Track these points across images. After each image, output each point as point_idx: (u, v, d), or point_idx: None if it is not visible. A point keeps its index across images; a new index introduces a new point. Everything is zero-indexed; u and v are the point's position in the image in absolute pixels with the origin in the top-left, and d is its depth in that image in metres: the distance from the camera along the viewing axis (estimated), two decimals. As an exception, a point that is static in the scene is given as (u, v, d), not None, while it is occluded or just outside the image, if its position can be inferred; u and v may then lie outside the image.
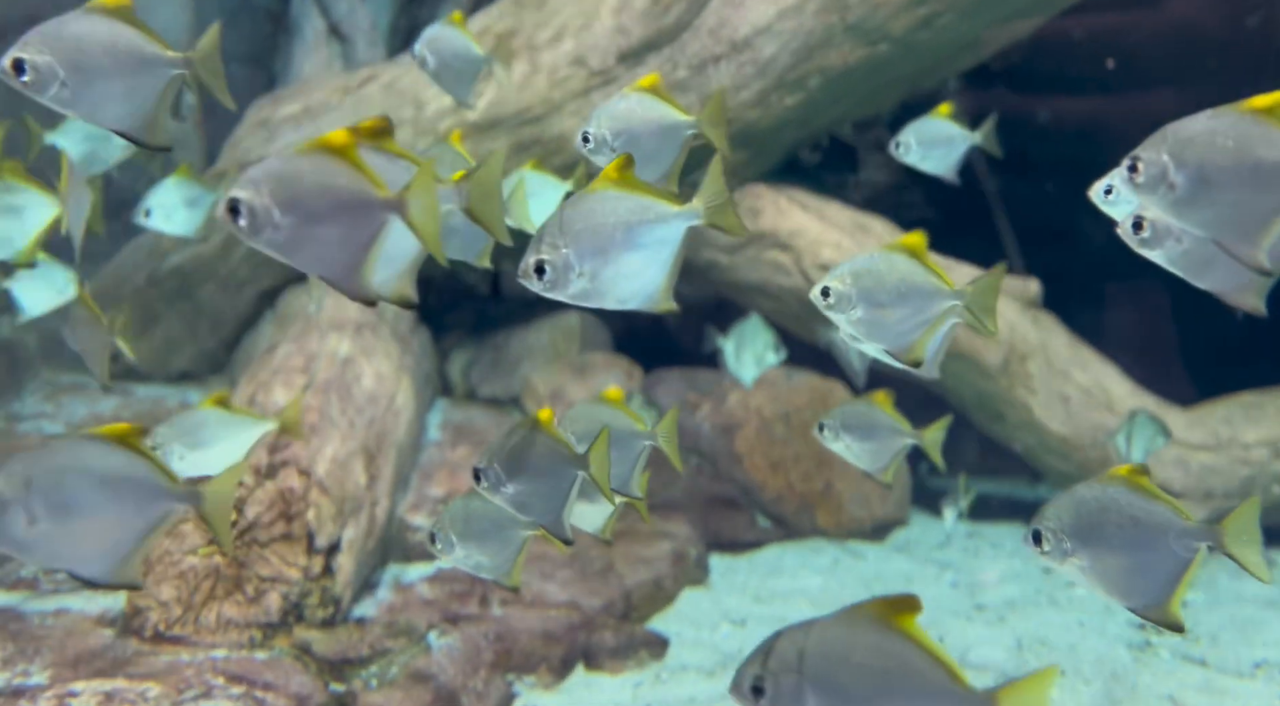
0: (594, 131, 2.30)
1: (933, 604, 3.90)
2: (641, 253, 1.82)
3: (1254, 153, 1.62)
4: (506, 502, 1.95)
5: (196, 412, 2.28)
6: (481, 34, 5.17)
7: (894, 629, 1.31)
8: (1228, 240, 1.67)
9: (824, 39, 4.66)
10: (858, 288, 1.98)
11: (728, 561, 4.37)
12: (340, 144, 1.60)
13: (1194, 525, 1.81)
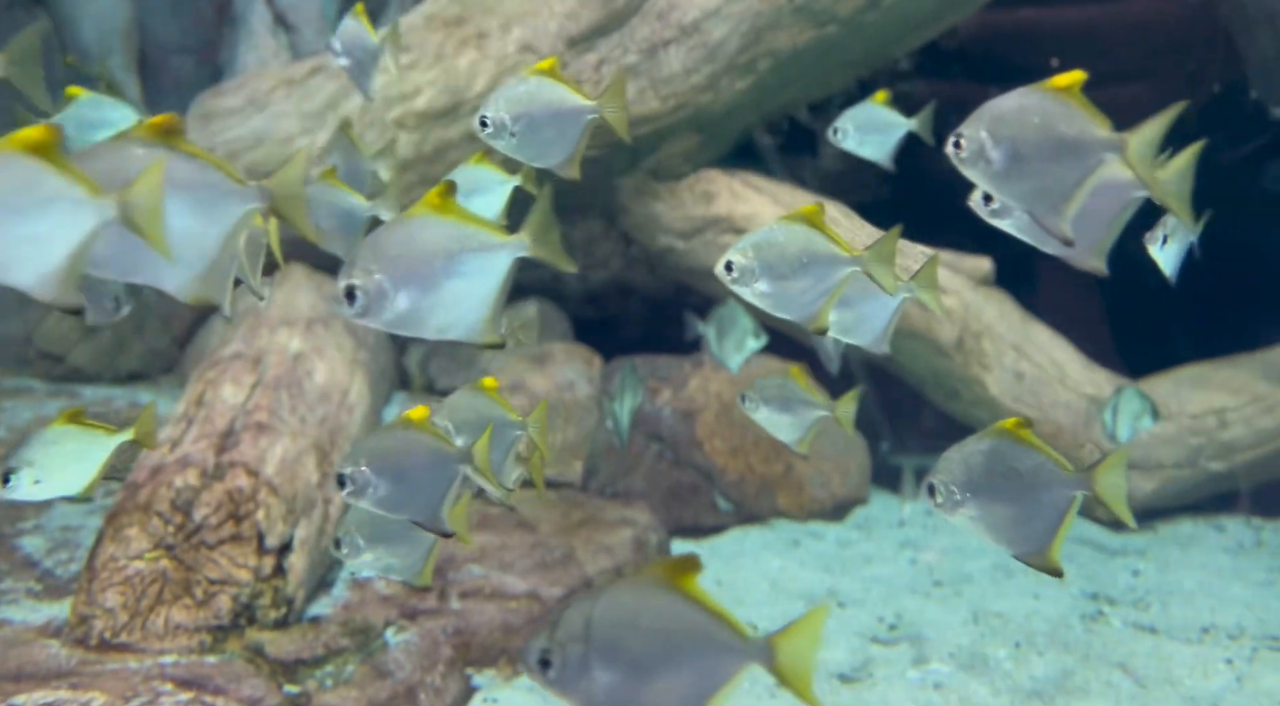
0: (492, 116, 2.27)
1: (892, 581, 3.94)
2: (463, 282, 1.77)
3: (1057, 129, 1.71)
4: (377, 505, 1.91)
5: (47, 431, 2.17)
6: (429, 21, 5.10)
7: (677, 591, 1.33)
8: (1039, 212, 1.76)
9: (772, 21, 4.65)
10: (760, 260, 2.01)
11: (689, 546, 4.38)
12: (37, 142, 1.45)
13: (1070, 474, 1.91)
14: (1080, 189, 1.74)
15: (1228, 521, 4.62)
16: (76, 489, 1.81)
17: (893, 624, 3.52)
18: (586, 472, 4.70)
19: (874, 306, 2.39)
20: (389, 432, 1.96)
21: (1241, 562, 4.08)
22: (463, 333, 1.79)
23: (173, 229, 1.55)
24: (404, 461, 1.90)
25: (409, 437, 1.92)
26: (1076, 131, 1.71)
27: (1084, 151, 1.71)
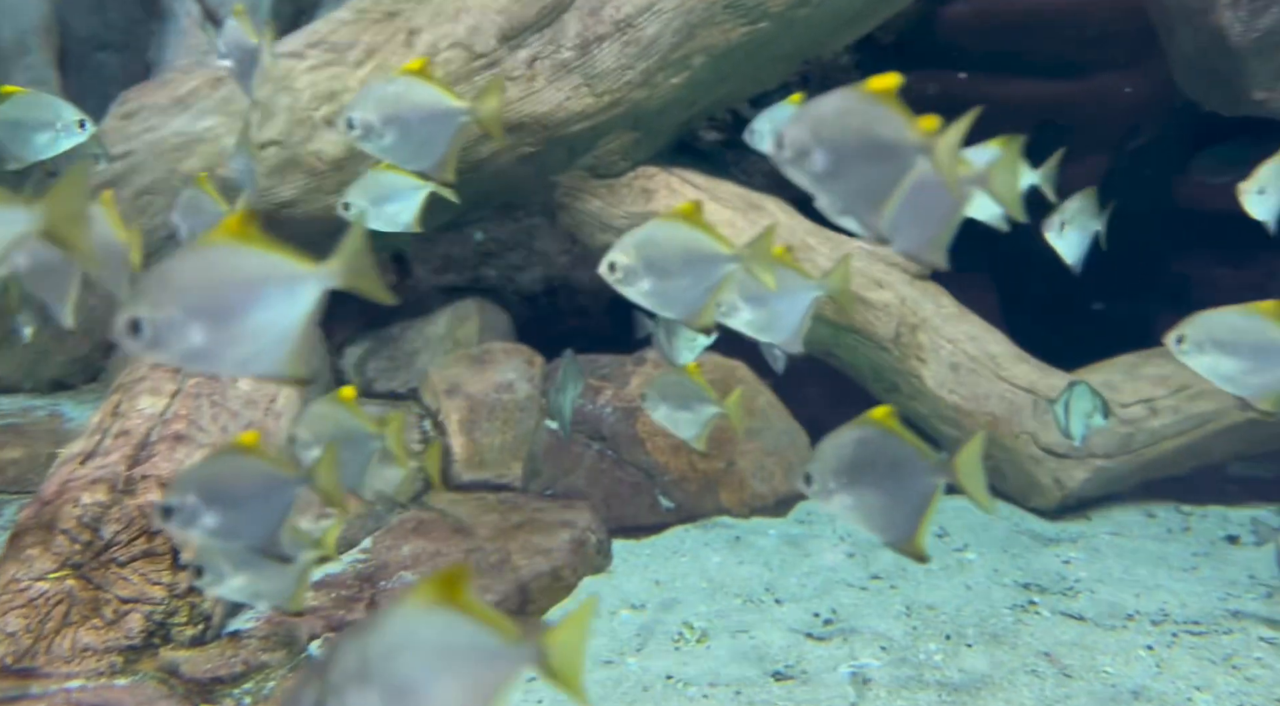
0: (360, 117, 2.22)
1: (830, 575, 3.96)
2: (265, 314, 1.68)
3: (874, 132, 1.76)
4: (206, 535, 1.84)
5: None
6: (358, 17, 5.01)
7: (446, 605, 1.31)
8: (858, 212, 1.81)
9: (705, 17, 4.63)
10: (642, 259, 2.01)
11: (630, 546, 4.37)
12: None
13: (931, 462, 1.96)
14: (896, 190, 1.78)
15: (1158, 508, 4.71)
16: None
17: (828, 619, 3.54)
18: (526, 474, 4.67)
19: (787, 304, 2.40)
20: (218, 459, 1.89)
21: (1169, 548, 4.16)
22: (265, 368, 1.70)
23: None
24: (235, 488, 1.84)
25: (240, 463, 1.86)
26: (892, 134, 1.75)
27: (898, 154, 1.75)
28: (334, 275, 1.68)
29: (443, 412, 4.69)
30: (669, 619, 3.56)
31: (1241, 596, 3.58)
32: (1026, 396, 4.86)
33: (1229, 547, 4.20)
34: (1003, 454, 4.80)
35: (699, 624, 3.50)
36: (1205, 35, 4.02)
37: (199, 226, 2.94)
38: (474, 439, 4.57)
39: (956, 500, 4.92)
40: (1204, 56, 4.17)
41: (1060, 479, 4.67)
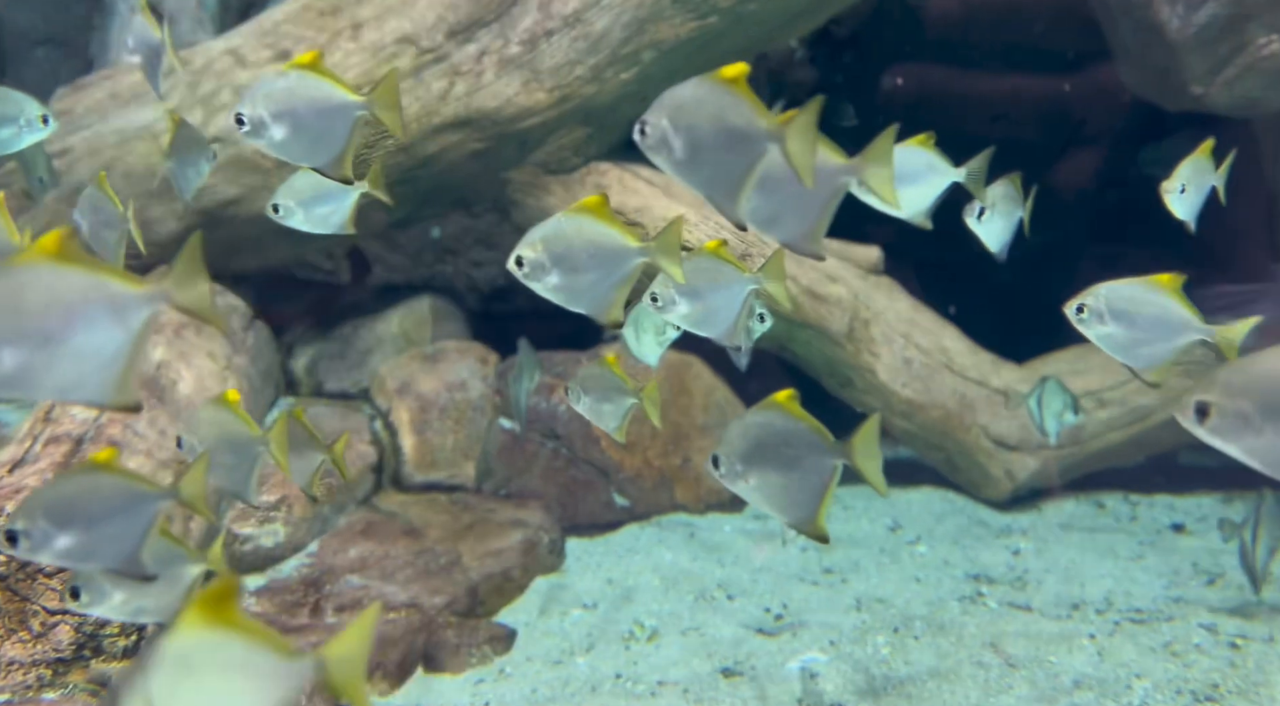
0: (249, 113, 2.13)
1: (782, 569, 3.96)
2: (87, 339, 1.59)
3: (727, 119, 1.79)
4: (60, 559, 1.78)
5: None
6: (303, 11, 4.93)
7: (223, 622, 1.29)
8: (715, 198, 1.86)
9: (654, 12, 4.61)
10: (550, 253, 2.00)
11: (584, 544, 4.35)
12: None
13: (829, 444, 2.02)
14: (749, 177, 1.81)
15: (1107, 498, 4.77)
16: None
17: (779, 614, 3.54)
18: (479, 474, 4.63)
19: (724, 298, 2.39)
20: (72, 478, 1.82)
21: (1117, 538, 4.21)
22: (89, 395, 1.62)
23: None
24: (89, 508, 1.77)
25: (95, 482, 1.79)
26: (744, 122, 1.78)
27: (750, 141, 1.78)
28: (164, 297, 1.61)
29: (393, 413, 4.63)
30: (620, 617, 3.54)
31: (1185, 583, 3.64)
32: (979, 389, 4.90)
33: (1175, 536, 4.27)
34: (954, 446, 4.84)
35: (650, 622, 3.48)
36: (1144, 30, 4.07)
37: (98, 226, 2.88)
38: (425, 439, 4.52)
39: (911, 493, 4.97)
40: (1144, 51, 4.21)
41: (1011, 470, 4.71)
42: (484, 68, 4.74)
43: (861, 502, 4.85)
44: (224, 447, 2.20)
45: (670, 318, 2.42)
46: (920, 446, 5.00)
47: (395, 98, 2.29)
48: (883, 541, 4.25)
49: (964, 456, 4.83)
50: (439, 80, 4.75)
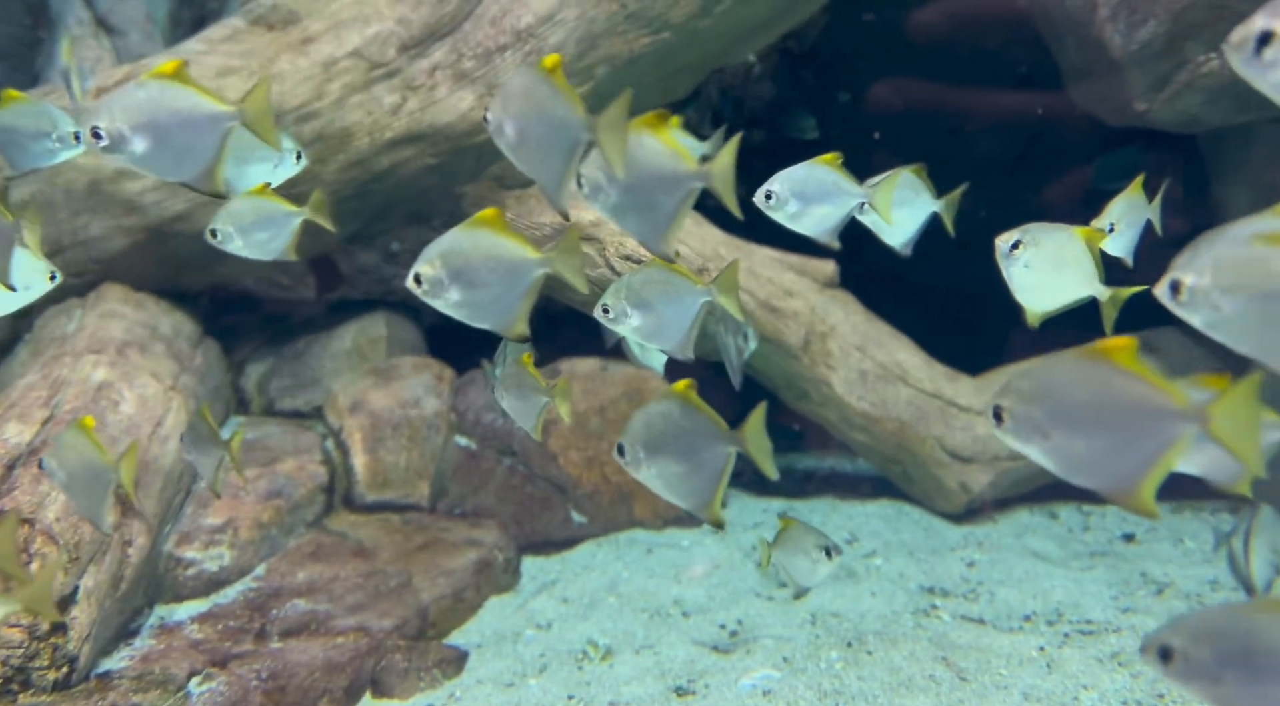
0: (106, 126, 2.05)
1: (738, 585, 3.95)
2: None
3: (548, 109, 1.95)
4: None
5: None
6: (253, 25, 4.87)
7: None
8: (544, 185, 2.01)
9: (607, 28, 4.61)
10: (448, 269, 2.00)
11: (540, 563, 4.30)
12: None
13: (723, 432, 2.10)
14: (570, 165, 1.95)
15: (1061, 508, 4.81)
16: None
17: (733, 630, 3.52)
18: (434, 493, 4.57)
19: (675, 310, 2.39)
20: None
21: (1069, 549, 4.25)
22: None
23: None
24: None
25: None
26: (562, 112, 1.91)
27: (567, 131, 1.90)
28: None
29: (345, 431, 4.56)
30: (574, 637, 3.50)
31: (1134, 594, 3.67)
32: (933, 402, 4.93)
33: (1125, 546, 4.31)
34: (910, 459, 4.86)
35: (604, 641, 3.45)
36: (1089, 47, 4.13)
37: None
38: (378, 457, 4.46)
39: (869, 506, 4.98)
40: (1090, 68, 4.28)
41: (965, 482, 4.74)
42: (437, 82, 4.71)
43: (819, 517, 4.86)
44: (81, 473, 2.22)
45: (621, 329, 2.42)
46: (877, 459, 5.02)
47: (266, 106, 2.22)
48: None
49: (919, 468, 4.85)
50: (391, 94, 4.71)
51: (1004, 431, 1.76)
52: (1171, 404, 1.75)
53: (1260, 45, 1.54)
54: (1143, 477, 1.84)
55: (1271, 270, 1.71)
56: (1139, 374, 1.78)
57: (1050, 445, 1.73)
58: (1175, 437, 1.77)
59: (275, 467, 4.10)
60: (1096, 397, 1.72)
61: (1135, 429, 1.77)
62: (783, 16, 4.96)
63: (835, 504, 5.06)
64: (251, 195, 2.75)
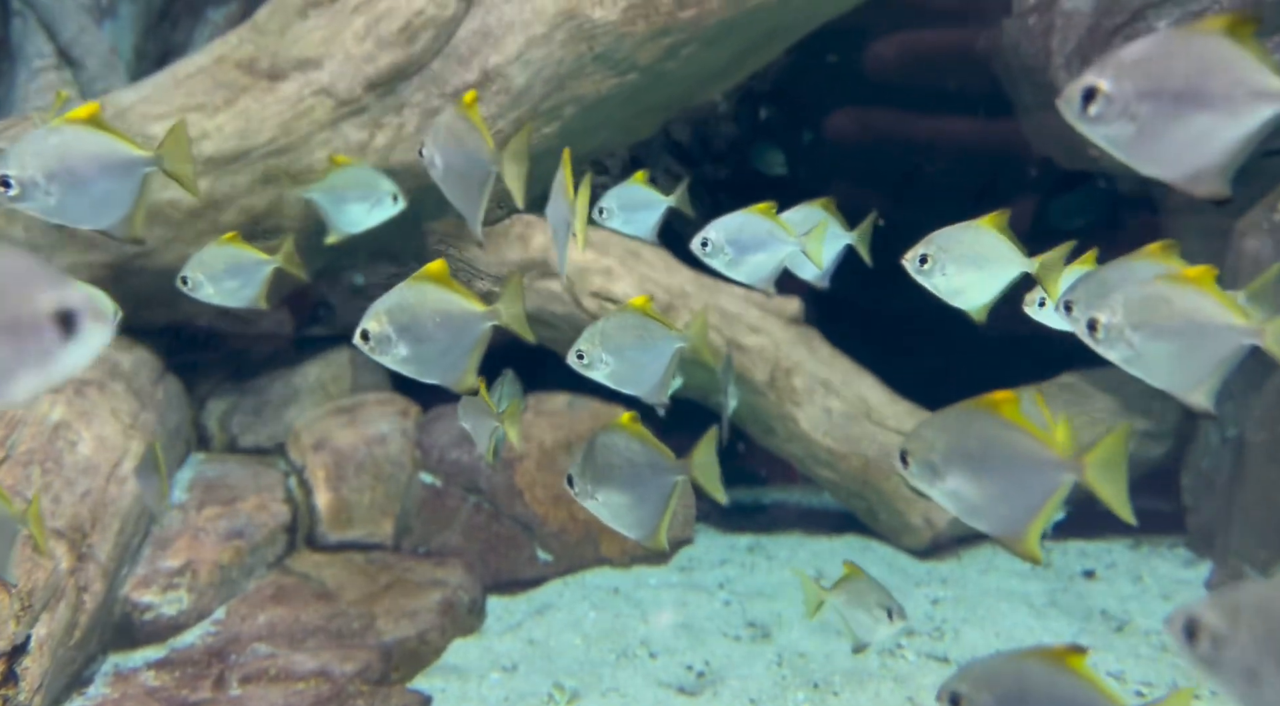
0: (17, 174, 1.97)
1: (705, 625, 3.94)
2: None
3: (465, 144, 2.25)
4: None
5: None
6: (219, 62, 4.86)
7: None
8: (462, 211, 2.32)
9: (575, 68, 4.66)
10: (395, 325, 2.02)
11: (505, 603, 4.26)
12: None
13: (671, 463, 2.17)
14: (483, 197, 2.32)
15: (1033, 543, 4.86)
16: None
17: (700, 671, 3.51)
18: (398, 531, 4.52)
19: (649, 356, 2.42)
20: None
21: (1030, 586, 4.29)
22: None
23: None
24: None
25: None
26: (474, 148, 2.24)
27: (480, 164, 2.28)
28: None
29: (308, 469, 4.51)
30: (539, 680, 3.47)
31: (1094, 631, 3.71)
32: (898, 438, 4.97)
33: (1086, 582, 4.36)
34: (875, 495, 4.90)
35: (570, 684, 3.42)
36: (1043, 93, 4.25)
37: None
38: (341, 496, 4.41)
39: (835, 542, 5.00)
40: (1043, 112, 4.40)
41: (930, 519, 4.78)
42: (405, 120, 4.73)
43: (785, 552, 4.87)
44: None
45: (595, 375, 2.43)
46: (842, 495, 5.05)
47: (186, 150, 2.18)
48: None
49: (884, 505, 4.89)
50: (358, 132, 4.72)
51: (907, 473, 1.86)
52: (1051, 455, 1.87)
53: (1085, 101, 1.61)
54: (1029, 523, 1.95)
55: (1175, 308, 1.86)
56: (1022, 426, 1.90)
57: (946, 489, 1.84)
58: (1055, 486, 1.91)
59: (236, 506, 4.04)
60: (985, 447, 1.83)
61: (1020, 477, 1.89)
62: (747, 60, 5.05)
63: (802, 539, 5.08)
64: (222, 243, 2.75)
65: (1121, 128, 1.59)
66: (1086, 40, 3.87)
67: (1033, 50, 4.12)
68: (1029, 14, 4.03)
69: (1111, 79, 1.57)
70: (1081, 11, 3.82)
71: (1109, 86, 1.58)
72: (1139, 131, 1.58)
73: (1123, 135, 1.59)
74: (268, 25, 4.91)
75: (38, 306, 1.13)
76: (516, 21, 4.63)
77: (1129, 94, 1.57)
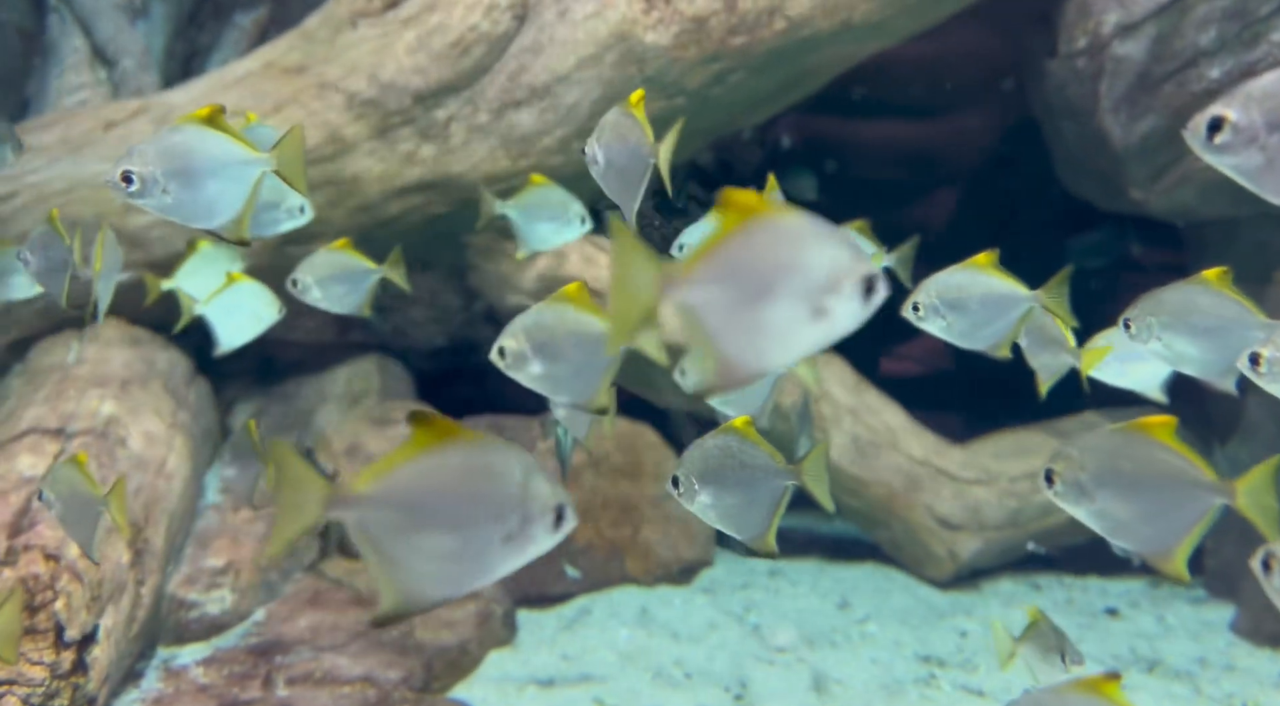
0: (138, 170, 2.01)
1: (736, 648, 3.95)
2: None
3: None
4: None
5: None
6: (266, 68, 4.90)
7: None
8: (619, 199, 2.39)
9: (623, 90, 4.72)
10: (531, 343, 2.03)
11: (536, 617, 4.26)
12: None
13: (781, 467, 2.21)
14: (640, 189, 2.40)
15: (1042, 578, 4.91)
16: None
17: (738, 694, 3.52)
18: (427, 541, 4.51)
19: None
20: None
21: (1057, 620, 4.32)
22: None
23: None
24: None
25: None
26: (636, 142, 2.38)
27: (640, 157, 2.44)
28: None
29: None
30: (580, 697, 3.47)
31: (1127, 670, 3.75)
32: (923, 469, 5.02)
33: (1109, 620, 4.40)
34: (899, 525, 4.94)
35: (611, 701, 3.42)
36: (1088, 135, 4.35)
37: (47, 266, 2.81)
38: (375, 504, 4.40)
39: (855, 569, 5.03)
40: (1086, 154, 4.49)
41: (954, 550, 4.82)
42: (451, 133, 4.77)
43: (808, 578, 4.89)
44: (73, 504, 2.24)
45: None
46: (865, 523, 5.08)
47: (300, 154, 2.21)
48: (833, 619, 4.28)
49: (908, 535, 4.92)
50: (405, 143, 4.76)
51: (1053, 493, 1.89)
52: (1204, 478, 1.92)
53: (1211, 131, 1.68)
54: (1178, 544, 1.99)
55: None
56: (1177, 449, 1.94)
57: (1095, 508, 1.87)
58: (1206, 509, 1.95)
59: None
60: (1138, 468, 1.88)
61: (1172, 499, 1.93)
62: (791, 90, 5.13)
63: (823, 566, 5.10)
64: (333, 249, 2.79)
65: (1250, 157, 1.64)
66: (1136, 86, 3.97)
67: (1079, 93, 4.22)
68: (1077, 56, 4.13)
69: (1240, 109, 1.63)
70: (1133, 57, 3.92)
71: (1237, 116, 1.64)
72: (1268, 161, 1.64)
73: (1251, 164, 1.65)
74: (317, 33, 4.96)
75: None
76: (569, 41, 4.69)
77: (1258, 124, 1.63)
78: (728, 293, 1.42)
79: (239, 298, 3.01)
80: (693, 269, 1.42)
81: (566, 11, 4.69)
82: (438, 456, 1.51)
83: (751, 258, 1.39)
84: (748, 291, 1.40)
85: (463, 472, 1.52)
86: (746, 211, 1.41)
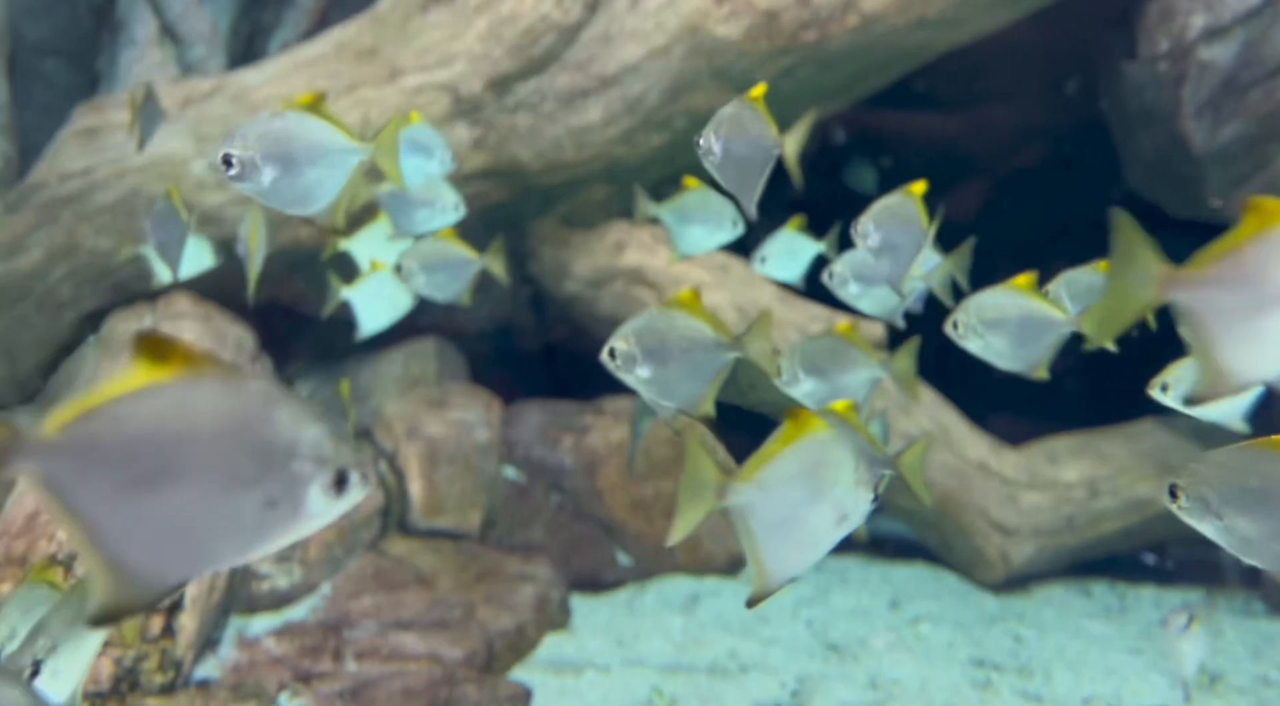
0: (239, 153, 2.01)
1: (790, 644, 3.96)
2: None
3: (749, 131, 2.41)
4: None
5: None
6: (338, 50, 4.95)
7: None
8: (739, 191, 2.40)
9: (691, 81, 4.73)
10: (641, 346, 2.04)
11: (589, 602, 4.30)
12: None
13: (724, 341, 2.16)
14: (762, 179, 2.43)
15: (1094, 585, 4.87)
16: None
17: (794, 690, 3.53)
18: (484, 523, 4.57)
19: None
20: None
21: (1111, 629, 4.30)
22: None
23: None
24: None
25: None
26: (758, 134, 2.40)
27: (763, 148, 2.47)
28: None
29: (401, 455, 4.57)
30: (636, 682, 3.50)
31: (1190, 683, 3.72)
32: (978, 471, 4.99)
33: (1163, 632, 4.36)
34: (952, 527, 4.91)
35: (668, 689, 3.45)
36: (1167, 141, 4.29)
37: (168, 238, 2.88)
38: (434, 484, 4.46)
39: (904, 569, 5.01)
40: (1163, 160, 4.43)
41: (1007, 554, 4.79)
42: (517, 120, 4.80)
43: (858, 573, 4.89)
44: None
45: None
46: (917, 524, 5.07)
47: (395, 145, 2.23)
48: (885, 618, 4.29)
49: (960, 537, 4.90)
50: (472, 129, 4.80)
51: (1178, 508, 1.88)
52: None
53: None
54: None
55: None
56: None
57: (1222, 525, 1.86)
58: None
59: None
60: (1267, 485, 1.85)
61: None
62: (857, 85, 5.11)
63: (866, 563, 5.09)
64: (438, 238, 2.84)
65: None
66: (1221, 92, 3.91)
67: (1159, 96, 4.16)
68: (1159, 60, 4.07)
69: None
70: (1219, 63, 3.86)
71: None
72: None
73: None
74: (389, 18, 5.00)
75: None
76: (639, 31, 4.70)
77: None
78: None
79: (379, 285, 3.08)
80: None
81: (638, 2, 4.70)
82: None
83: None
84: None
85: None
86: None
